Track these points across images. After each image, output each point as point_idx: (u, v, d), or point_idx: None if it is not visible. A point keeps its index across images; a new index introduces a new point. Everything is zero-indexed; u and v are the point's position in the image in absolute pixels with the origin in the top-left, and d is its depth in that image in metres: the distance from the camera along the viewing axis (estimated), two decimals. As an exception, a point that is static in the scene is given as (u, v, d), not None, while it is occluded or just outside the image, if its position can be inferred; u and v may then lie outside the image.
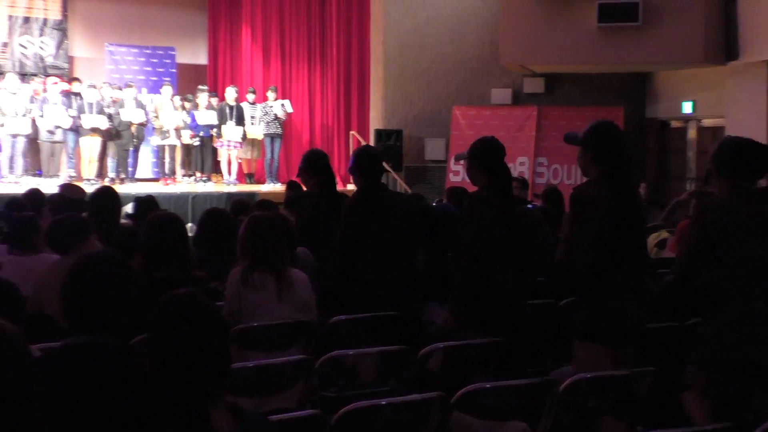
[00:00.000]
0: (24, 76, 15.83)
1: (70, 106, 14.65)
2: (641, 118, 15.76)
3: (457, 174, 14.75)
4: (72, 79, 15.42)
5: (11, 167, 14.45)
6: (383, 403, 3.53)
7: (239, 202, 8.16)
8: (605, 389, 4.07)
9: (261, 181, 16.38)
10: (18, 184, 14.08)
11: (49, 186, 12.98)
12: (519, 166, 14.62)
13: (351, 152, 8.88)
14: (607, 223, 4.38)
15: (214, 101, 15.96)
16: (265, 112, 15.93)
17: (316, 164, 6.60)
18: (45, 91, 14.77)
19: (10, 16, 16.71)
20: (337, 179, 8.87)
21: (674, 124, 15.54)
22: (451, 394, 3.70)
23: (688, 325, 4.97)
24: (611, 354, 4.43)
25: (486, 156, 5.13)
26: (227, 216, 6.17)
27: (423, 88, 16.22)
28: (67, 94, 14.94)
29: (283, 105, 16.02)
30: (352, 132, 17.01)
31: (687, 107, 14.76)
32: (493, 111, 15.56)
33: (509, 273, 5.01)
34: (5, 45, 16.66)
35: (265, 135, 15.92)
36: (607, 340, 4.44)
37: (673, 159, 15.44)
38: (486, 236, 4.96)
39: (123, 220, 7.24)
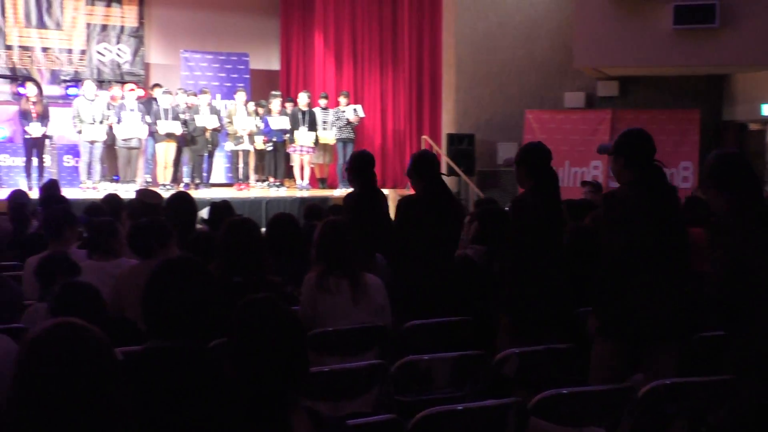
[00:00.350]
0: (101, 83, 16.15)
1: (147, 113, 14.89)
2: (718, 121, 15.48)
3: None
4: (154, 86, 15.67)
5: (89, 173, 14.72)
6: (460, 408, 3.52)
7: (312, 208, 8.20)
8: (684, 396, 4.00)
9: (333, 186, 16.45)
10: (96, 189, 14.35)
11: (126, 191, 13.23)
12: (593, 170, 14.47)
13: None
14: (637, 224, 4.47)
15: (288, 106, 16.08)
16: (337, 117, 16.00)
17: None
18: (123, 98, 15.00)
19: (88, 24, 17.06)
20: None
21: (752, 126, 15.24)
22: (527, 400, 3.68)
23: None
24: (628, 351, 4.52)
25: (532, 160, 5.29)
26: (295, 220, 6.21)
27: (495, 92, 16.15)
28: (146, 100, 15.20)
29: (355, 110, 16.09)
30: (424, 136, 17.00)
31: (766, 110, 14.47)
32: (566, 115, 15.43)
33: (557, 275, 5.14)
34: (83, 53, 17.01)
35: (338, 140, 16.00)
36: (622, 336, 4.52)
37: (751, 162, 15.11)
38: (529, 239, 5.09)
39: (198, 225, 7.32)
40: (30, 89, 14.35)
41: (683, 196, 10.40)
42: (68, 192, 11.38)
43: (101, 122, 14.57)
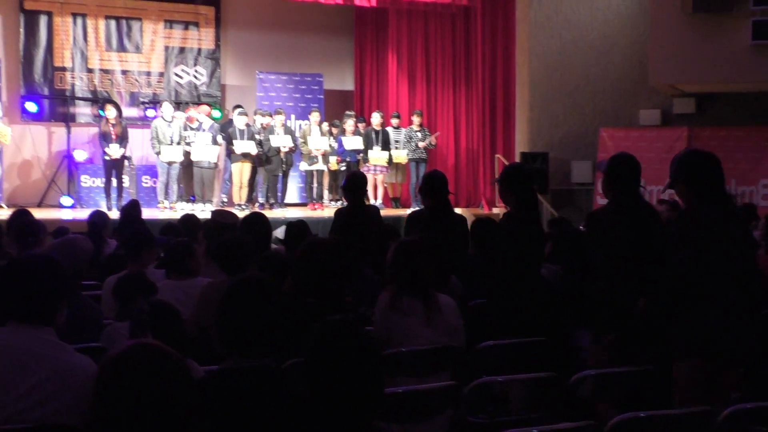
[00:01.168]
0: (179, 104, 16.42)
1: (222, 134, 15.11)
2: (797, 138, 15.16)
3: (605, 198, 14.47)
4: (236, 107, 15.88)
5: (167, 193, 14.96)
6: (535, 431, 3.49)
7: (388, 228, 8.21)
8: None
9: (407, 205, 16.47)
10: (173, 209, 14.58)
11: (203, 211, 13.41)
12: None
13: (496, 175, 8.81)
14: (699, 242, 4.51)
15: (361, 126, 16.17)
16: (409, 137, 16.04)
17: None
18: (198, 120, 15.22)
19: (167, 47, 17.39)
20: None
21: (832, 143, 14.88)
22: (603, 423, 3.63)
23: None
24: (714, 371, 4.46)
25: (618, 171, 5.30)
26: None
27: (569, 110, 16.04)
28: (224, 121, 15.43)
29: (429, 140, 16.08)
30: (497, 155, 16.95)
31: None
32: (642, 132, 15.24)
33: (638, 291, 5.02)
34: (161, 75, 17.33)
35: (410, 159, 16.03)
36: (709, 355, 4.47)
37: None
38: (610, 253, 5.06)
39: (273, 245, 7.38)
40: (110, 111, 14.63)
41: (762, 214, 10.22)
42: (146, 212, 11.55)
43: (178, 143, 14.81)
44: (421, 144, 15.96)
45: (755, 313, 4.65)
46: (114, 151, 14.41)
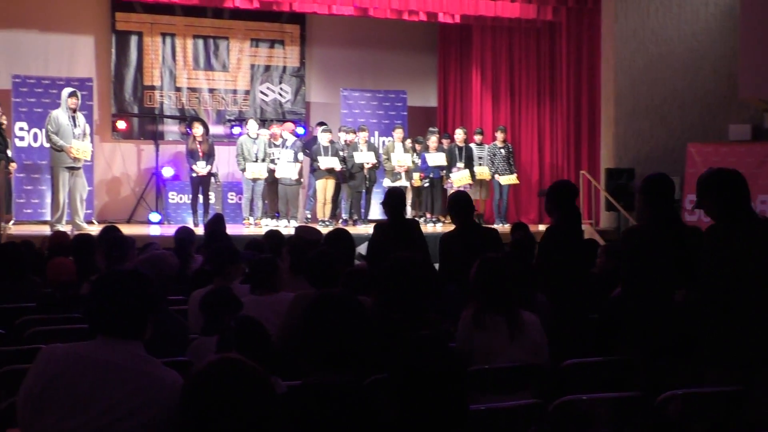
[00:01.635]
0: (264, 122, 16.62)
1: (304, 150, 15.25)
2: None
3: (693, 213, 14.22)
4: (319, 124, 16.04)
5: (252, 210, 15.14)
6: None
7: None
8: None
9: (490, 222, 16.38)
10: (258, 226, 14.76)
11: (287, 227, 13.55)
12: (760, 204, 13.94)
13: (581, 193, 8.78)
14: (726, 256, 4.80)
15: (445, 143, 16.17)
16: (492, 153, 15.98)
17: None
18: (281, 136, 15.38)
19: (252, 66, 17.63)
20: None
21: None
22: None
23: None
24: (744, 379, 4.57)
25: (649, 189, 5.49)
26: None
27: (656, 125, 15.81)
28: (308, 138, 15.57)
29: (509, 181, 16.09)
30: (582, 171, 16.77)
31: None
32: (731, 148, 14.93)
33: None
34: (247, 93, 17.57)
35: (494, 175, 15.96)
36: (736, 363, 4.66)
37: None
38: (644, 268, 5.31)
39: (356, 261, 7.41)
40: (197, 129, 14.88)
41: None
42: (231, 228, 11.71)
43: (263, 160, 14.98)
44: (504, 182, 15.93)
45: None
46: (201, 168, 14.66)
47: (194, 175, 14.74)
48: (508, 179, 16.04)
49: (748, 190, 4.92)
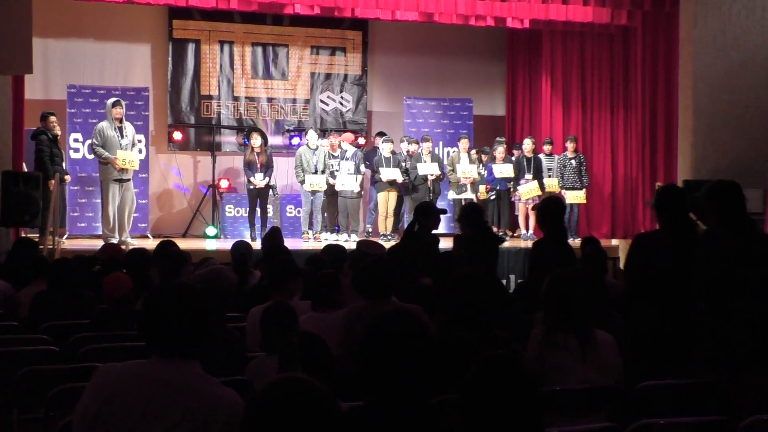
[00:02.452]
0: (324, 132, 16.70)
1: (365, 161, 15.30)
2: None
3: None
4: (379, 133, 16.11)
5: (311, 223, 15.22)
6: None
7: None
8: None
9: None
10: (317, 240, 14.83)
11: (347, 241, 13.60)
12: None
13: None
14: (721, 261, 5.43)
15: (513, 153, 16.12)
16: (563, 164, 15.88)
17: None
18: (340, 146, 15.43)
19: (312, 74, 17.74)
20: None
21: None
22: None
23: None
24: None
25: (665, 200, 6.26)
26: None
27: (737, 135, 15.57)
28: (370, 149, 15.59)
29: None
30: (658, 183, 16.57)
31: None
32: (818, 158, 14.67)
33: None
34: (307, 102, 17.69)
35: (563, 188, 15.85)
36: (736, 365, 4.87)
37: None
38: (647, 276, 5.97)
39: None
40: (255, 140, 14.98)
41: None
42: (290, 243, 11.77)
43: (322, 172, 15.05)
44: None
45: None
46: (259, 180, 14.77)
47: (252, 187, 14.86)
48: (575, 196, 15.85)
49: (743, 200, 5.83)
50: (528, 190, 15.51)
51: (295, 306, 5.68)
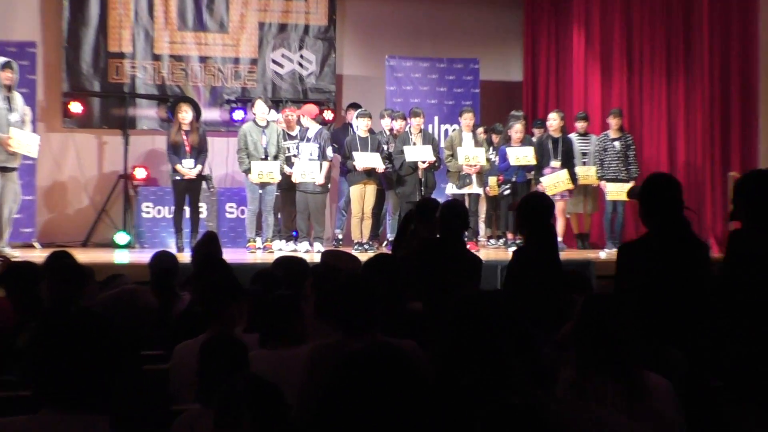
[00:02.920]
0: (277, 104, 16.70)
1: (334, 143, 15.28)
2: None
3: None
4: (349, 107, 16.08)
5: (260, 228, 15.20)
6: None
7: (572, 275, 8.19)
8: None
9: (598, 245, 16.29)
10: (268, 250, 14.75)
11: (309, 252, 13.59)
12: None
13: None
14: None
15: (534, 132, 16.13)
16: (602, 148, 15.88)
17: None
18: (299, 123, 15.39)
19: (262, 25, 17.77)
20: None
21: None
22: None
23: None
24: None
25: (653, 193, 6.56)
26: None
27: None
28: (339, 127, 15.57)
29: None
30: (731, 173, 16.66)
31: None
32: None
33: None
34: (254, 63, 17.67)
35: (604, 179, 15.85)
36: None
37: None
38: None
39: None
40: (184, 113, 14.82)
41: None
42: (231, 254, 11.74)
43: (275, 157, 15.01)
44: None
45: None
46: (188, 168, 14.69)
47: (178, 178, 14.78)
48: (619, 191, 15.79)
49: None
50: (555, 183, 15.50)
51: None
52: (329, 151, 15.24)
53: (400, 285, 7.15)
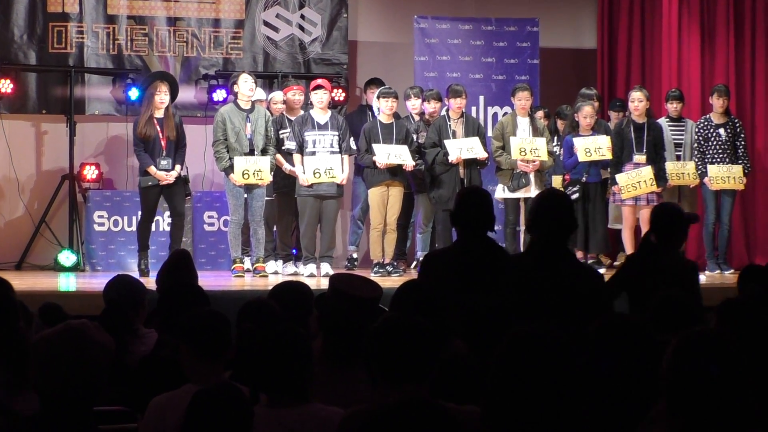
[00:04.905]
0: (271, 80, 16.79)
1: (349, 133, 15.29)
2: None
3: None
4: (369, 83, 16.11)
5: (246, 243, 15.21)
6: None
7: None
8: None
9: (701, 266, 16.21)
10: (261, 273, 14.70)
11: (313, 277, 13.61)
12: None
13: None
14: None
15: (613, 116, 16.12)
16: (704, 137, 15.85)
17: None
18: (306, 105, 15.40)
19: (249, -23, 17.78)
20: None
21: None
22: None
23: None
24: None
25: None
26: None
27: None
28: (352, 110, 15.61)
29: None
30: None
31: None
32: None
33: None
34: (240, 26, 17.68)
35: (708, 178, 15.82)
36: None
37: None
38: None
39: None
40: (162, 95, 14.74)
41: None
42: (208, 278, 11.75)
43: (264, 151, 15.00)
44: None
45: None
46: (164, 169, 14.68)
47: (148, 185, 14.73)
48: (726, 177, 15.84)
49: None
50: (635, 182, 15.47)
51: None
52: (351, 144, 15.25)
53: (440, 321, 7.15)
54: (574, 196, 15.59)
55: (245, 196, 15.01)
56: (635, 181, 15.43)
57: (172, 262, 9.85)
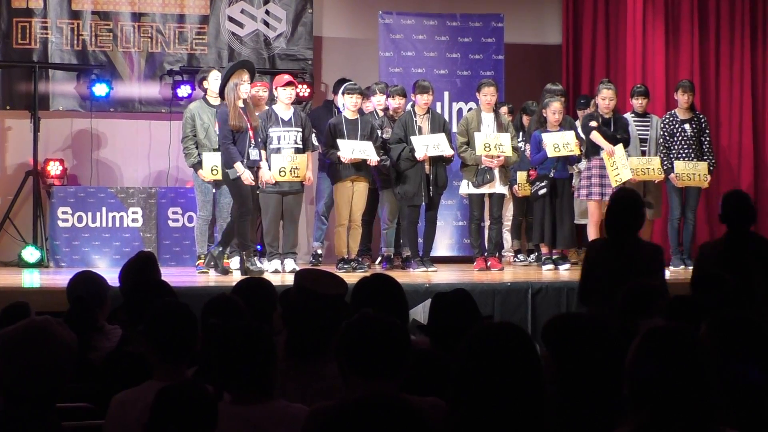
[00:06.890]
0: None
1: (314, 130, 15.27)
2: None
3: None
4: (340, 82, 16.07)
5: (212, 240, 15.23)
6: None
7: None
8: None
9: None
10: (226, 269, 14.68)
11: (276, 273, 13.57)
12: None
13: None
14: None
15: (579, 114, 16.13)
16: (669, 132, 15.88)
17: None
18: (271, 101, 15.37)
19: (212, -30, 17.76)
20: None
21: None
22: None
23: None
24: None
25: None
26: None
27: None
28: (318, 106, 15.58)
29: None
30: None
31: None
32: None
33: None
34: (204, 21, 17.65)
35: (675, 174, 15.86)
36: None
37: None
38: None
39: (411, 336, 7.41)
40: (246, 86, 14.45)
41: None
42: (173, 274, 11.73)
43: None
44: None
45: None
46: (254, 159, 14.49)
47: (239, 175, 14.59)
48: (692, 173, 15.95)
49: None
50: (690, 173, 15.54)
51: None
52: (314, 140, 15.23)
53: (405, 317, 7.15)
54: (542, 192, 15.61)
55: (213, 191, 15.03)
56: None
57: (135, 266, 9.78)
